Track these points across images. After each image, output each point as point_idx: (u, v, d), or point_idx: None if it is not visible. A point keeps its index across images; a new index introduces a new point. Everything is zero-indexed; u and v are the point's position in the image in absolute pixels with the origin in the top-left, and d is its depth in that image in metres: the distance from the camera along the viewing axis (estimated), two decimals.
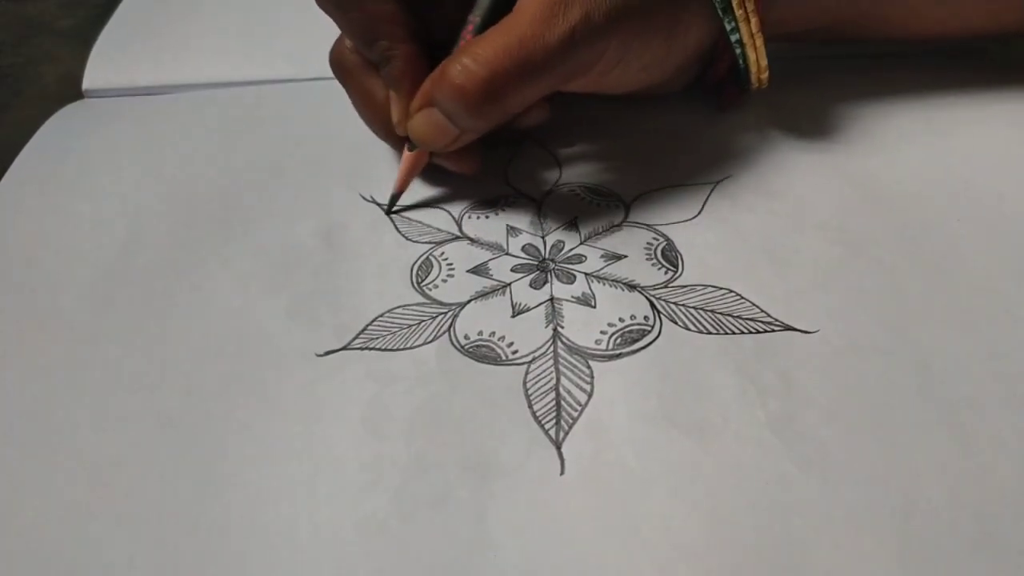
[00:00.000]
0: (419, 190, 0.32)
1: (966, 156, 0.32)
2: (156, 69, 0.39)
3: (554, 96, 0.30)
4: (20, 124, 0.36)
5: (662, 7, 0.28)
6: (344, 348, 0.26)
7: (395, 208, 0.31)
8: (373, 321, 0.27)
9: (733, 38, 0.30)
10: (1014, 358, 0.25)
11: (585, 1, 0.27)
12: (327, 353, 0.26)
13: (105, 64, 0.40)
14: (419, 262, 0.29)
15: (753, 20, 0.30)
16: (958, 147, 0.33)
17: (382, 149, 0.34)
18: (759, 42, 0.30)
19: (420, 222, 0.31)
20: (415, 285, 0.28)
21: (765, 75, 0.32)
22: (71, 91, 0.39)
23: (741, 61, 0.31)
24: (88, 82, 0.39)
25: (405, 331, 0.26)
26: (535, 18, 0.26)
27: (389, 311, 0.27)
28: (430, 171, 0.32)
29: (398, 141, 0.31)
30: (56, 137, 0.35)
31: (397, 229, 0.30)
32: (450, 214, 0.31)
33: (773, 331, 0.26)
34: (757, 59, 0.31)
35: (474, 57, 0.26)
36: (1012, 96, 0.35)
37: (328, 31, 0.41)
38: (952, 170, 0.32)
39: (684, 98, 0.35)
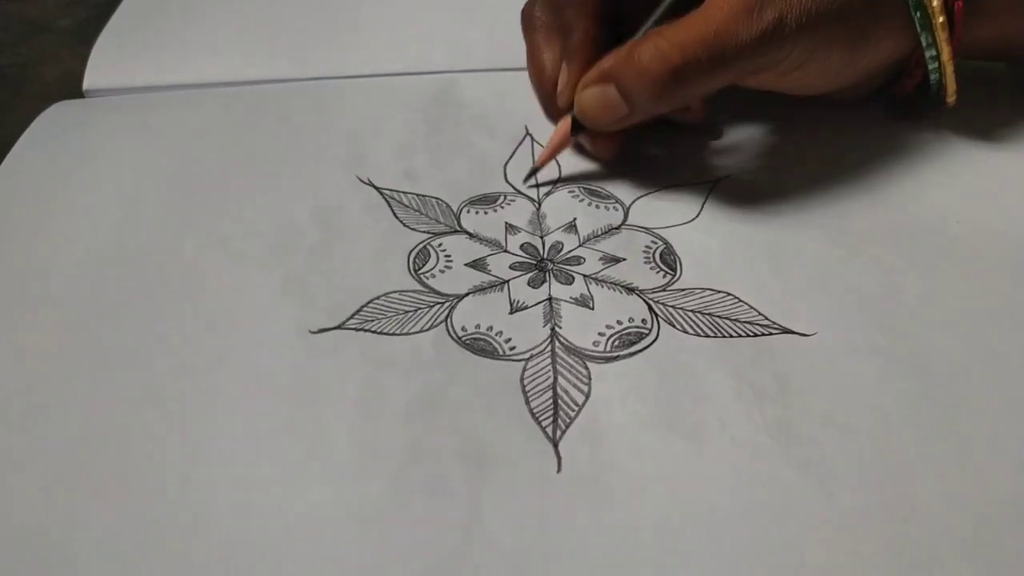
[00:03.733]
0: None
1: (966, 156, 0.32)
2: (156, 69, 0.39)
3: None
4: (20, 124, 0.36)
5: (853, 19, 0.29)
6: (339, 327, 0.26)
7: (532, 183, 0.32)
8: (369, 302, 0.27)
9: (929, 54, 0.30)
10: (1013, 360, 0.25)
11: (781, 3, 0.27)
12: (321, 331, 0.26)
13: (105, 64, 0.40)
14: (416, 250, 0.29)
15: (946, 48, 0.30)
16: (958, 146, 0.33)
17: (382, 139, 0.34)
18: (950, 69, 0.30)
19: (417, 211, 0.31)
20: (412, 272, 0.28)
21: (953, 98, 0.32)
22: (71, 91, 0.39)
23: (936, 79, 0.31)
24: (88, 82, 0.39)
25: (401, 316, 0.26)
26: (731, 12, 0.27)
27: (385, 295, 0.27)
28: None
29: (553, 107, 0.32)
30: (50, 131, 0.35)
31: (395, 215, 0.30)
32: (448, 206, 0.31)
33: (771, 334, 0.26)
34: (946, 83, 0.31)
35: (669, 40, 0.27)
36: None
37: (328, 32, 0.42)
38: (952, 170, 0.32)
39: None
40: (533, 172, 0.32)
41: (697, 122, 0.34)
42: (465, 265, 0.28)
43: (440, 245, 0.29)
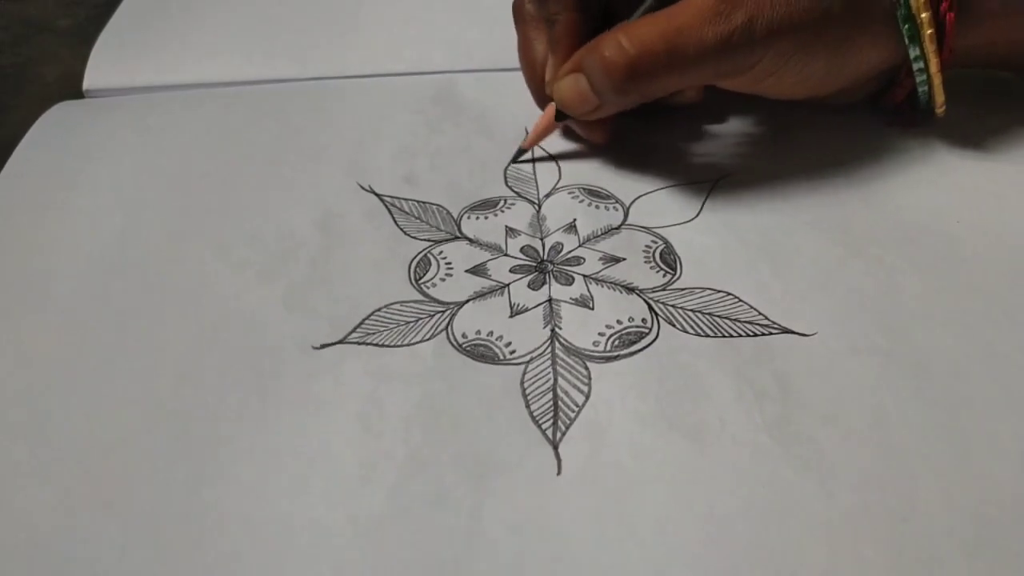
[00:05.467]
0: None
1: (966, 156, 0.32)
2: (156, 69, 0.39)
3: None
4: (20, 124, 0.36)
5: (833, 27, 0.28)
6: (341, 341, 0.26)
7: (519, 160, 0.33)
8: (371, 315, 0.27)
9: (916, 66, 0.30)
10: (1012, 360, 0.25)
11: (751, 7, 0.27)
12: (324, 346, 0.26)
13: (105, 64, 0.40)
14: (417, 259, 0.29)
15: (934, 60, 0.29)
16: (957, 147, 0.33)
17: (382, 141, 0.34)
18: (937, 80, 0.30)
19: (418, 218, 0.31)
20: (413, 282, 0.28)
21: (942, 109, 0.31)
22: (71, 91, 0.39)
23: (924, 91, 0.31)
24: (88, 82, 0.39)
25: (403, 327, 0.26)
26: (698, 12, 0.27)
27: (387, 306, 0.27)
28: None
29: (543, 97, 0.33)
30: (52, 132, 0.35)
31: (396, 223, 0.30)
32: (449, 213, 0.31)
33: (771, 334, 0.26)
34: (934, 94, 0.31)
35: (629, 35, 0.27)
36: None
37: (328, 32, 0.42)
38: (952, 170, 0.32)
39: None
40: (519, 154, 0.33)
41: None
42: (466, 272, 0.28)
43: (441, 253, 0.29)
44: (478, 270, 0.29)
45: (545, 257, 0.29)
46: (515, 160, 0.33)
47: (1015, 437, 0.23)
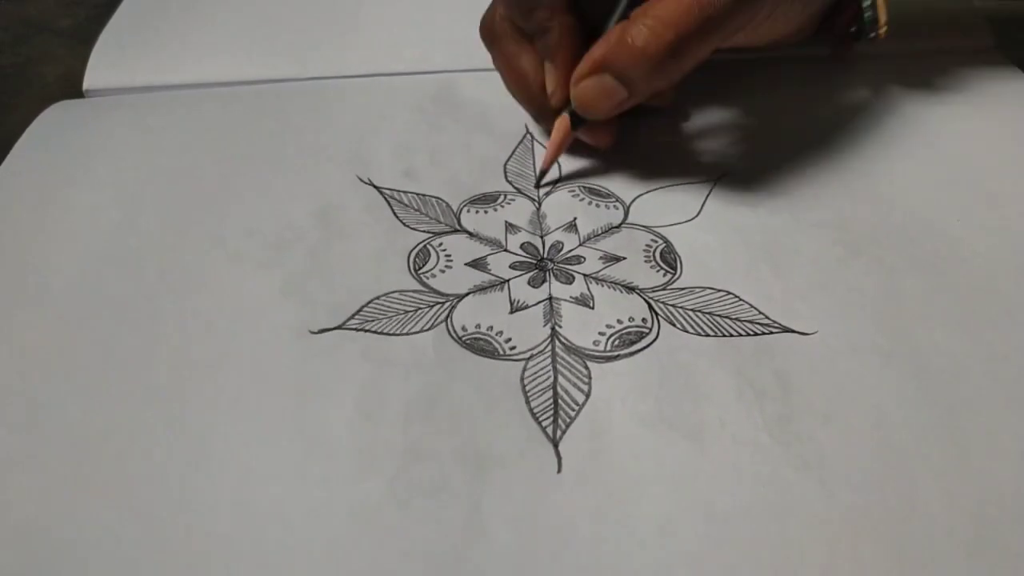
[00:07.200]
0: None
1: (966, 156, 0.32)
2: (156, 69, 0.39)
3: None
4: (20, 124, 0.36)
5: None
6: (339, 327, 0.26)
7: (542, 184, 0.32)
8: (370, 302, 0.27)
9: None
10: (1013, 360, 0.25)
11: None
12: (322, 331, 0.26)
13: (105, 64, 0.40)
14: (417, 249, 0.29)
15: None
16: (958, 147, 0.33)
17: (382, 138, 0.34)
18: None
19: (418, 210, 0.31)
20: (412, 272, 0.28)
21: (884, 30, 0.34)
22: (71, 91, 0.39)
23: (869, 15, 0.34)
24: (89, 82, 0.39)
25: (402, 316, 0.26)
26: None
27: (386, 294, 0.27)
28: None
29: (543, 110, 0.32)
30: (50, 131, 0.35)
31: (395, 215, 0.30)
32: (448, 205, 0.31)
33: (771, 333, 0.26)
34: (878, 15, 0.33)
35: (657, 19, 0.27)
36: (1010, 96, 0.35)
37: (328, 32, 0.42)
38: (952, 170, 0.32)
39: (685, 98, 0.35)
40: (541, 176, 0.32)
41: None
42: (465, 265, 0.28)
43: (440, 245, 0.29)
44: (478, 264, 0.29)
45: (545, 255, 0.29)
46: (539, 184, 0.32)
47: (1015, 437, 0.23)
